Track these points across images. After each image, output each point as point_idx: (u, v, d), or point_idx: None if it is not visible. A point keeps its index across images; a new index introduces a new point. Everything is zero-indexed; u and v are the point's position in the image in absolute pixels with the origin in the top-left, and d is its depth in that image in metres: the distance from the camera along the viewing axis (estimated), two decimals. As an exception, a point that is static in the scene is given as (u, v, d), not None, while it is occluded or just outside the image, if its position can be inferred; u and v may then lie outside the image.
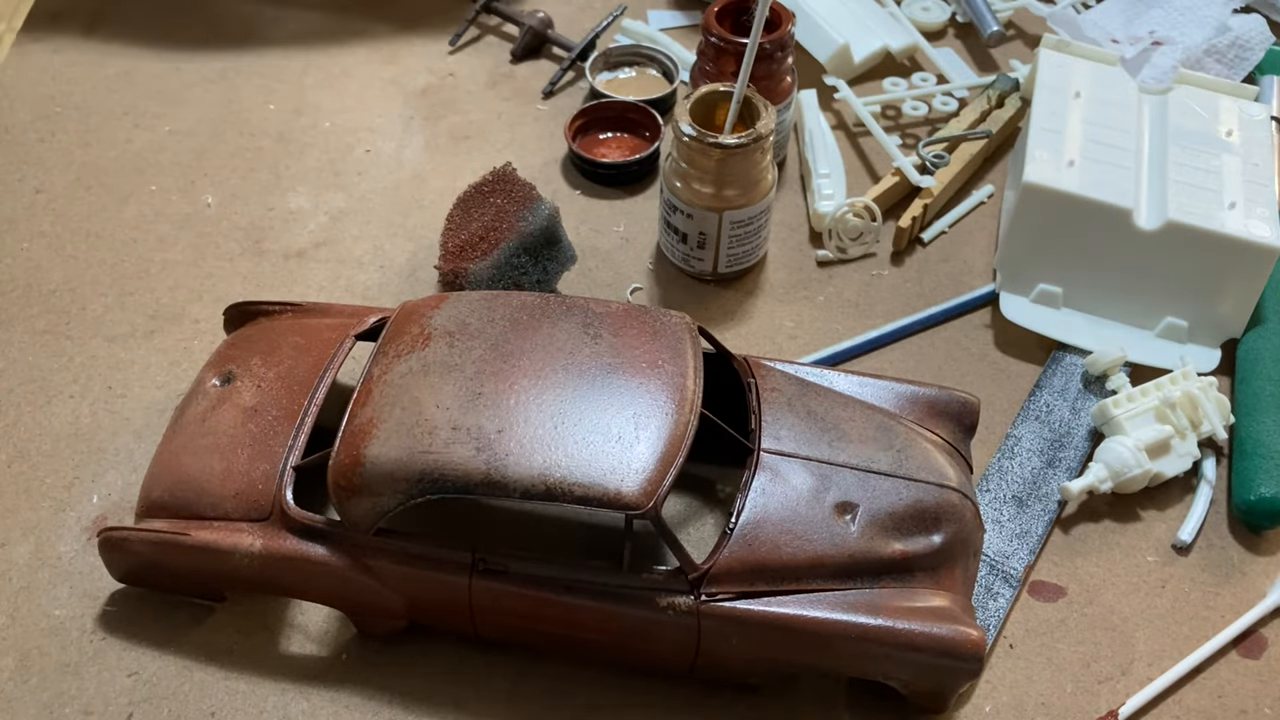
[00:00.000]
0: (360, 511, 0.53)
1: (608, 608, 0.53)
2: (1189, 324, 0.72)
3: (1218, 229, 0.69)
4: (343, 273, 0.76)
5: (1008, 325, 0.73)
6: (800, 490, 0.55)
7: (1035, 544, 0.63)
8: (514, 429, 0.52)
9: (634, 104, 0.84)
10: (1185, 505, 0.66)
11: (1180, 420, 0.66)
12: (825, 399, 0.60)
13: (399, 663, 0.58)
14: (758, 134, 0.69)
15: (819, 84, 0.87)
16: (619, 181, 0.82)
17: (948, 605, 0.54)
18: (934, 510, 0.56)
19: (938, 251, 0.79)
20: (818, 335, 0.73)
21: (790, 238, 0.79)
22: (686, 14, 0.96)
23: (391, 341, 0.57)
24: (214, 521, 0.56)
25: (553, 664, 0.58)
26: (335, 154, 0.83)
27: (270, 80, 0.88)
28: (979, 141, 0.82)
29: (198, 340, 0.71)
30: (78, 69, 0.89)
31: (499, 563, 0.53)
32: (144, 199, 0.80)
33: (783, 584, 0.53)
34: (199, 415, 0.60)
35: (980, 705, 0.58)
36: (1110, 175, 0.72)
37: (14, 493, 0.64)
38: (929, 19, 0.94)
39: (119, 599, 0.60)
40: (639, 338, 0.56)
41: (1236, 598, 0.62)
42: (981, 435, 0.64)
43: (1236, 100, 0.78)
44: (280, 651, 0.58)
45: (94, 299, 0.73)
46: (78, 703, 0.56)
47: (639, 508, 0.51)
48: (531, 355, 0.55)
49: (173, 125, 0.85)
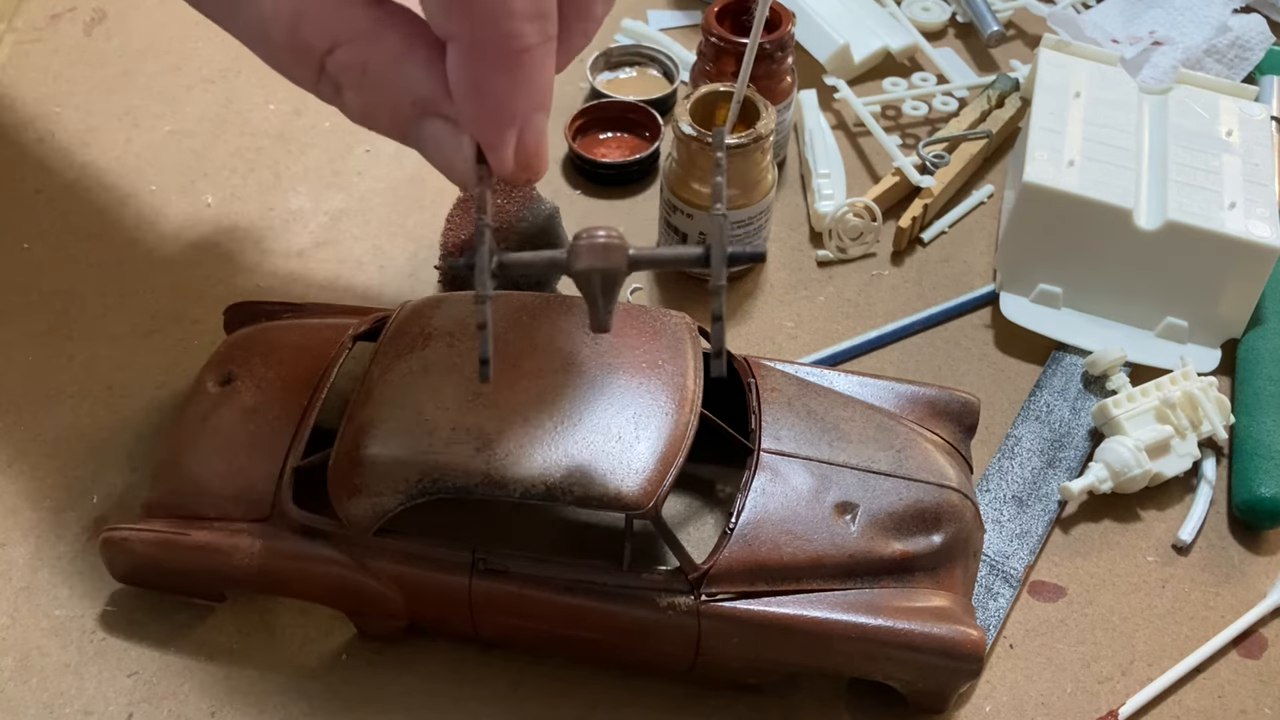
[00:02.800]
0: (360, 511, 0.53)
1: (608, 608, 0.53)
2: (1189, 324, 0.72)
3: (1218, 229, 0.69)
4: (343, 273, 0.76)
5: (1008, 325, 0.73)
6: (800, 490, 0.55)
7: (1035, 544, 0.63)
8: (514, 429, 0.52)
9: (634, 104, 0.84)
10: (1185, 505, 0.66)
11: (1180, 420, 0.66)
12: (825, 399, 0.60)
13: (399, 663, 0.58)
14: (758, 134, 0.69)
15: (819, 84, 0.87)
16: (619, 181, 0.82)
17: (948, 605, 0.54)
18: (934, 510, 0.56)
19: (938, 251, 0.79)
20: (818, 335, 0.73)
21: (790, 238, 0.79)
22: (686, 14, 0.96)
23: (391, 341, 0.57)
24: (214, 521, 0.56)
25: (553, 664, 0.58)
26: (335, 154, 0.83)
27: (270, 80, 0.88)
28: (979, 141, 0.82)
29: (198, 340, 0.71)
30: (78, 69, 0.89)
31: (499, 563, 0.53)
32: (144, 199, 0.80)
33: (783, 584, 0.53)
34: (199, 415, 0.60)
35: (980, 705, 0.58)
36: (1110, 175, 0.72)
37: (14, 493, 0.64)
38: (929, 19, 0.94)
39: (119, 599, 0.60)
40: (639, 338, 0.56)
41: (1236, 598, 0.62)
42: (981, 435, 0.64)
43: (1236, 100, 0.78)
44: (280, 651, 0.58)
45: (94, 299, 0.73)
46: (78, 703, 0.56)
47: (639, 508, 0.51)
48: (531, 355, 0.55)
49: (173, 125, 0.85)
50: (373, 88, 0.48)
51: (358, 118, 0.50)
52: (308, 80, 0.50)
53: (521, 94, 0.45)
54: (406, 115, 0.48)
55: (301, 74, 0.49)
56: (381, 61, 0.47)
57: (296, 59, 0.49)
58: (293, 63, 0.49)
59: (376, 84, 0.48)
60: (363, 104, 0.49)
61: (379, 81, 0.48)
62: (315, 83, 0.50)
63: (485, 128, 0.46)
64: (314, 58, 0.48)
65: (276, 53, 0.49)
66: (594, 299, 0.47)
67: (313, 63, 0.48)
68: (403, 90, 0.48)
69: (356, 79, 0.48)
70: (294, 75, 0.50)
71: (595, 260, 0.46)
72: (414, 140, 0.49)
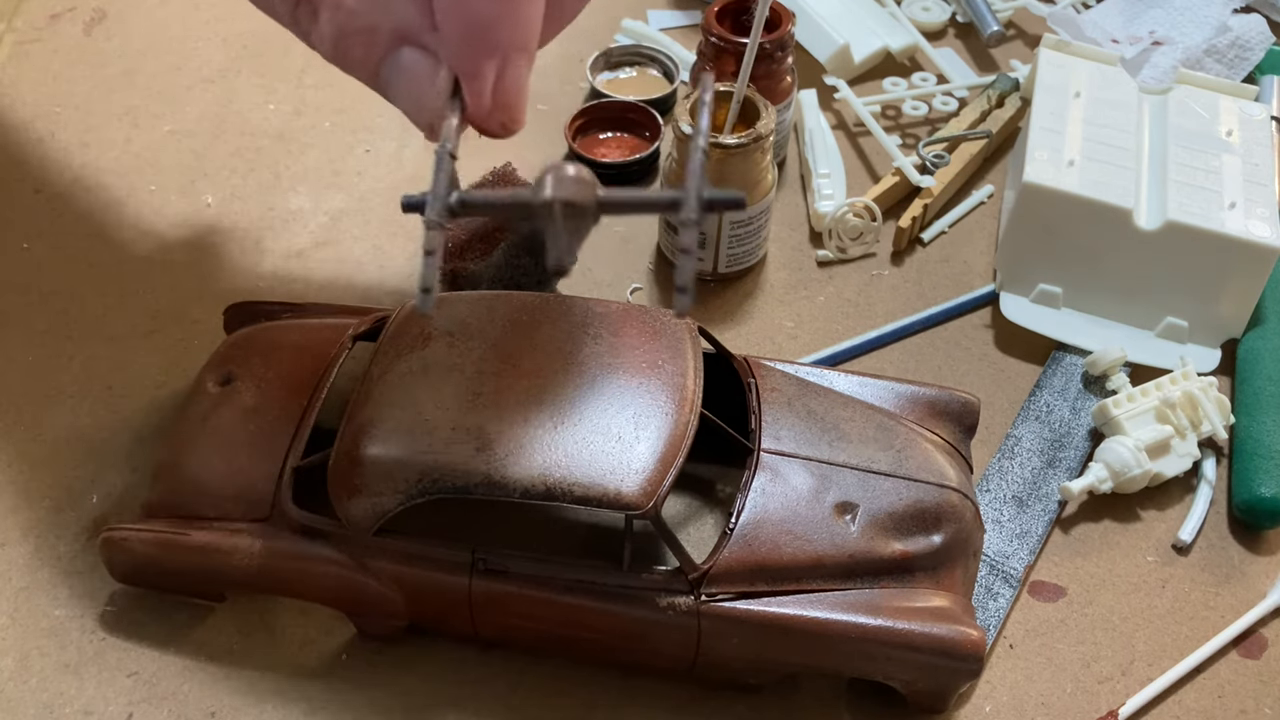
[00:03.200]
0: (360, 511, 0.53)
1: (608, 608, 0.53)
2: (1189, 324, 0.72)
3: (1218, 229, 0.69)
4: (343, 273, 0.76)
5: (1008, 325, 0.73)
6: (800, 490, 0.55)
7: (1035, 544, 0.63)
8: (514, 429, 0.52)
9: (634, 104, 0.84)
10: (1185, 505, 0.66)
11: (1180, 420, 0.66)
12: (825, 399, 0.60)
13: (399, 663, 0.58)
14: (758, 134, 0.69)
15: (819, 84, 0.87)
16: (619, 181, 0.82)
17: (948, 605, 0.54)
18: (934, 510, 0.56)
19: (938, 251, 0.79)
20: (818, 335, 0.73)
21: (790, 238, 0.79)
22: (686, 14, 0.96)
23: (392, 341, 0.57)
24: (214, 521, 0.56)
25: (553, 664, 0.58)
26: (335, 154, 0.83)
27: (270, 80, 0.88)
28: (979, 141, 0.82)
29: (198, 340, 0.71)
30: (78, 69, 0.89)
31: (499, 563, 0.53)
32: (144, 199, 0.80)
33: (783, 584, 0.53)
34: (199, 415, 0.60)
35: (980, 705, 0.58)
36: (1110, 175, 0.72)
37: (14, 492, 0.64)
38: (929, 19, 0.94)
39: (119, 599, 0.60)
40: (639, 338, 0.56)
41: (1236, 598, 0.62)
42: (981, 435, 0.64)
43: (1236, 100, 0.78)
44: (280, 651, 0.58)
45: (94, 299, 0.73)
46: (78, 703, 0.56)
47: (639, 508, 0.51)
48: (531, 355, 0.55)
49: (173, 125, 0.85)
50: (353, 11, 0.46)
51: (329, 48, 0.48)
52: (286, 1, 0.48)
53: (506, 23, 0.44)
54: (383, 43, 0.47)
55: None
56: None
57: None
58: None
59: (358, 6, 0.46)
60: (338, 30, 0.47)
61: (361, 3, 0.46)
62: (295, 4, 0.48)
63: (466, 53, 0.45)
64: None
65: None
66: (556, 233, 0.44)
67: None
68: (384, 15, 0.46)
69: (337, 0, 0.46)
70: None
71: (562, 191, 0.43)
72: (385, 74, 0.48)
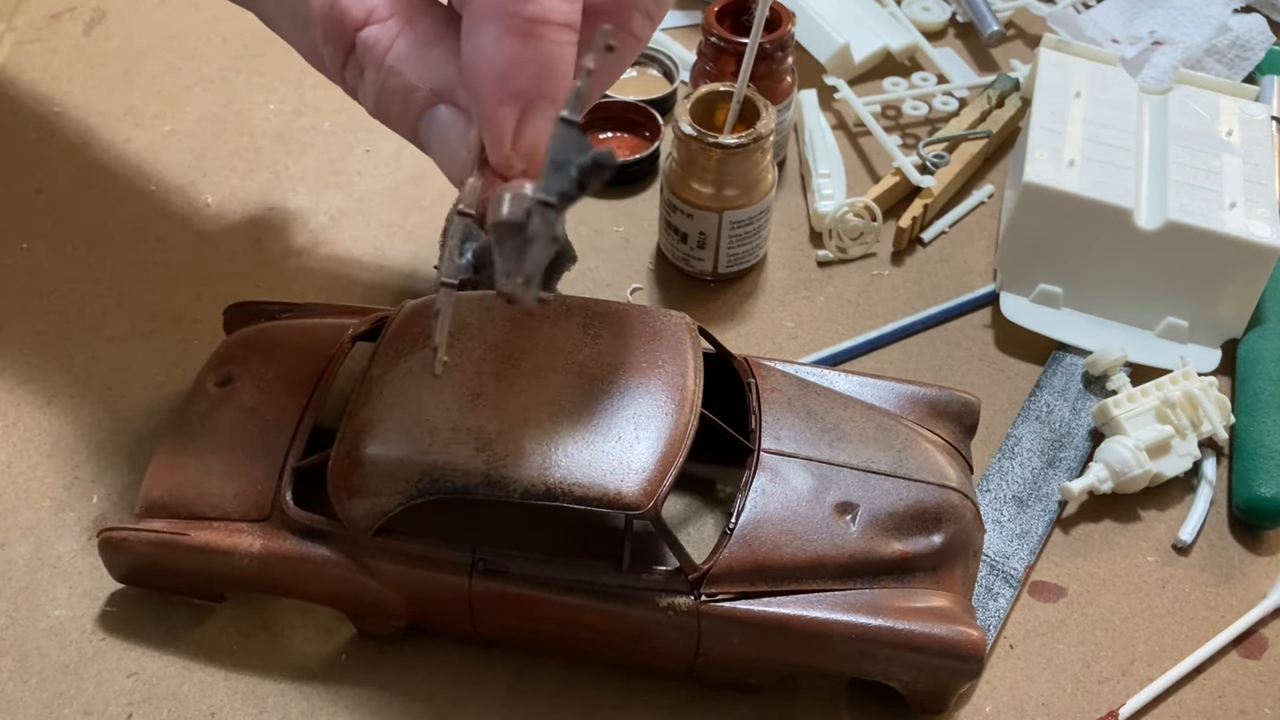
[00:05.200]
0: (360, 512, 0.53)
1: (608, 608, 0.53)
2: (1189, 324, 0.72)
3: (1218, 229, 0.69)
4: (343, 273, 0.75)
5: (1008, 325, 0.73)
6: (800, 490, 0.55)
7: (1035, 544, 0.63)
8: (514, 429, 0.52)
9: (634, 104, 0.84)
10: (1185, 505, 0.66)
11: (1180, 420, 0.66)
12: (825, 399, 0.60)
13: (399, 663, 0.58)
14: (758, 134, 0.69)
15: (819, 84, 0.87)
16: (619, 181, 0.82)
17: (948, 605, 0.54)
18: (934, 510, 0.56)
19: (938, 251, 0.79)
20: (818, 335, 0.73)
21: (790, 238, 0.79)
22: (686, 14, 0.96)
23: (392, 341, 0.57)
24: (214, 522, 0.56)
25: (553, 664, 0.58)
26: (335, 154, 0.83)
27: (270, 80, 0.88)
28: (979, 141, 0.82)
29: (198, 340, 0.71)
30: (78, 69, 0.89)
31: (499, 563, 0.53)
32: (144, 199, 0.80)
33: (783, 584, 0.53)
34: (199, 415, 0.60)
35: (980, 705, 0.58)
36: (1110, 175, 0.72)
37: (14, 493, 0.64)
38: (929, 19, 0.94)
39: (119, 599, 0.60)
40: (639, 338, 0.56)
41: (1236, 598, 0.62)
42: (981, 435, 0.64)
43: (1236, 100, 0.78)
44: (280, 651, 0.58)
45: (94, 299, 0.73)
46: (77, 703, 0.56)
47: (639, 508, 0.51)
48: (531, 355, 0.55)
49: (173, 125, 0.85)
50: (394, 70, 0.49)
51: (372, 105, 0.51)
52: (335, 60, 0.50)
53: (524, 71, 0.45)
54: (420, 101, 0.49)
55: (331, 53, 0.50)
56: (411, 42, 0.49)
57: (329, 34, 0.49)
58: (325, 39, 0.50)
59: (400, 66, 0.49)
60: (380, 88, 0.50)
61: (404, 63, 0.49)
62: (342, 65, 0.50)
63: (481, 100, 0.46)
64: (348, 31, 0.49)
65: (311, 28, 0.50)
66: (502, 253, 0.44)
67: (345, 38, 0.49)
68: (424, 73, 0.48)
69: (381, 59, 0.49)
70: (323, 56, 0.51)
71: (491, 213, 0.44)
72: (422, 130, 0.50)
